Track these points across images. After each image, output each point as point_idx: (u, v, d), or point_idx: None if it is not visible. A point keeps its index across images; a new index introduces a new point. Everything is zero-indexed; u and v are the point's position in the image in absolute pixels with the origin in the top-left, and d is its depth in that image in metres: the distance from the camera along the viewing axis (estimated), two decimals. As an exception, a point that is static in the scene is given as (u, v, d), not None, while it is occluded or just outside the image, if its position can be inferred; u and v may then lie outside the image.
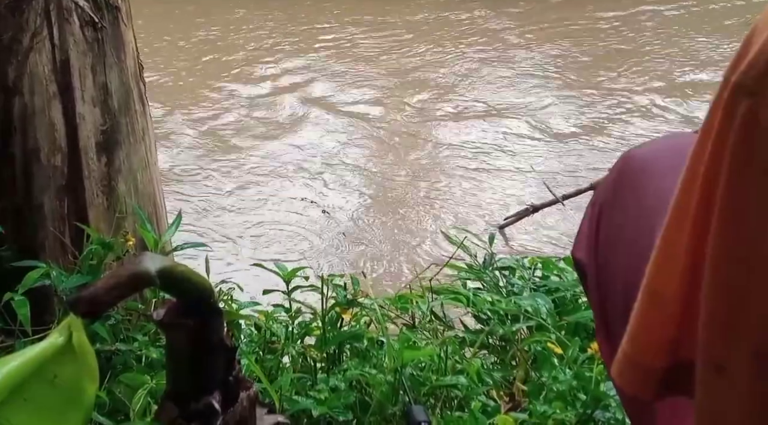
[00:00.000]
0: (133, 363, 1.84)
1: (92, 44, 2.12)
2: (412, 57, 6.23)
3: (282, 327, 1.98)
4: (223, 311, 1.37)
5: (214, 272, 2.07)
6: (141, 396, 1.55)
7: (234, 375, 1.37)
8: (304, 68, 6.02)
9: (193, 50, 6.35)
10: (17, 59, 2.06)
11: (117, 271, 1.23)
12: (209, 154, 4.73)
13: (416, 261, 3.52)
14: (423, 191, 4.30)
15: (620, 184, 0.96)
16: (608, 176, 1.01)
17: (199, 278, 1.30)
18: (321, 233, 3.88)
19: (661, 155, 0.94)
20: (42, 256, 2.07)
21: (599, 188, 1.02)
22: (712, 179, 0.53)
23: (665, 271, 0.58)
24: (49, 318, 1.99)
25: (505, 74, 5.82)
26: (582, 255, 0.98)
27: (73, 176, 2.11)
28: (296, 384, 1.81)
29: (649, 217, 0.82)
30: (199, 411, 1.34)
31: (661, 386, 0.60)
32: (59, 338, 1.12)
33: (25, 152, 2.09)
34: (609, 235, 0.94)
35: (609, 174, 1.01)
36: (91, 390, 1.14)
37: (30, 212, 2.10)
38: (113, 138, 2.16)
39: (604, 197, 0.98)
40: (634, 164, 0.96)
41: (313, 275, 2.17)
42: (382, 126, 5.11)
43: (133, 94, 2.22)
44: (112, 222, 2.14)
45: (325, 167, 4.55)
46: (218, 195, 4.25)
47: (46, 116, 2.08)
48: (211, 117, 5.20)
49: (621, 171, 0.97)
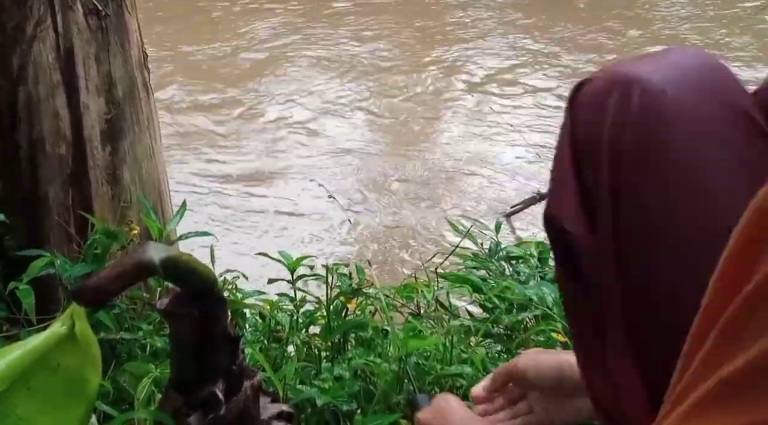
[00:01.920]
0: (137, 352, 1.84)
1: (96, 33, 2.12)
2: (426, 43, 6.21)
3: (287, 316, 1.98)
4: (227, 300, 1.37)
5: (219, 261, 2.07)
6: (145, 385, 1.55)
7: (238, 364, 1.38)
8: (304, 41, 6.01)
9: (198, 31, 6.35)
10: (21, 48, 2.06)
11: (121, 260, 1.23)
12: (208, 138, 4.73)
13: (422, 250, 3.52)
14: (429, 179, 4.30)
15: (646, 137, 0.75)
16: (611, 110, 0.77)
17: (203, 268, 1.30)
18: (327, 220, 3.88)
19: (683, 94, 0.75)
20: (47, 245, 2.08)
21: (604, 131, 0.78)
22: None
23: None
24: (54, 307, 1.99)
25: (515, 59, 5.80)
26: (572, 226, 0.80)
27: (78, 166, 2.11)
28: (300, 373, 1.81)
29: (693, 207, 0.66)
30: (203, 399, 1.34)
31: None
32: (62, 327, 1.12)
33: (30, 141, 2.09)
34: (643, 218, 0.75)
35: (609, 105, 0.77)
36: (94, 378, 1.14)
37: (35, 202, 2.10)
38: (118, 127, 2.16)
39: (617, 153, 0.77)
40: (654, 104, 0.75)
41: (318, 264, 2.16)
42: (388, 113, 5.10)
43: (137, 83, 2.22)
44: (117, 211, 2.14)
45: (331, 153, 4.55)
46: (222, 181, 4.25)
47: (50, 106, 2.08)
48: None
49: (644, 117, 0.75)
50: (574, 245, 0.80)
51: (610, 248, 0.78)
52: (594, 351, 0.82)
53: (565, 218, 0.81)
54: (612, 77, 0.79)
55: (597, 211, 0.79)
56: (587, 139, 0.79)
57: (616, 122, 0.77)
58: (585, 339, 0.84)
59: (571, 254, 0.81)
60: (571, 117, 0.82)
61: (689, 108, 0.75)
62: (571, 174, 0.80)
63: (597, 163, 0.78)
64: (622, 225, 0.77)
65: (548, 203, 0.84)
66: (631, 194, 0.76)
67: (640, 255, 0.76)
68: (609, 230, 0.78)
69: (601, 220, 0.79)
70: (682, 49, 0.85)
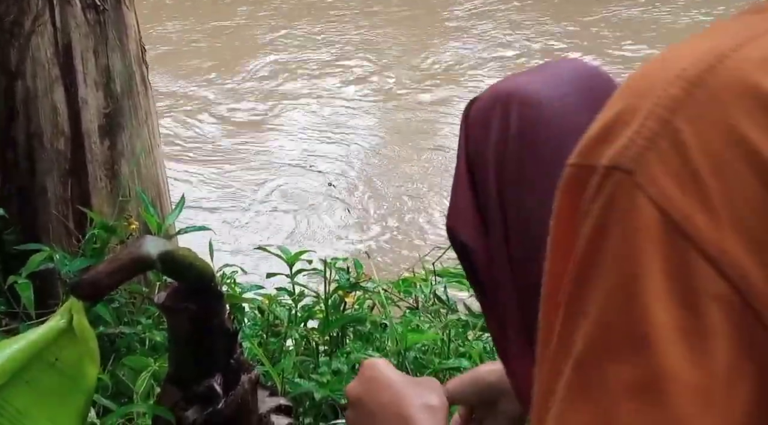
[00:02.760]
0: (136, 346, 1.85)
1: (94, 27, 2.12)
2: (431, 33, 6.20)
3: (285, 311, 1.99)
4: (224, 294, 1.37)
5: (218, 254, 2.08)
6: (144, 379, 1.56)
7: (236, 358, 1.38)
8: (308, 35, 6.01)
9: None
10: (19, 43, 2.06)
11: (118, 255, 1.23)
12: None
13: (419, 245, 3.52)
14: (429, 173, 4.30)
15: (524, 147, 0.82)
16: (494, 125, 0.84)
17: (201, 262, 1.31)
18: (326, 212, 3.89)
19: (558, 101, 0.82)
20: (46, 240, 2.08)
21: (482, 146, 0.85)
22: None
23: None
24: (53, 302, 1.99)
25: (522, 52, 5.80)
26: (467, 237, 0.87)
27: (77, 160, 2.11)
28: (299, 367, 1.82)
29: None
30: (201, 393, 1.34)
31: None
32: (60, 321, 1.13)
33: (28, 136, 2.09)
34: (527, 222, 0.82)
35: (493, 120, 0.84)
36: (92, 372, 1.15)
37: (33, 196, 2.11)
38: (116, 121, 2.16)
39: (501, 164, 0.84)
40: (531, 113, 0.82)
41: (316, 258, 2.17)
42: (388, 105, 5.10)
43: (135, 77, 2.22)
44: (116, 206, 2.14)
45: (332, 146, 4.55)
46: (220, 173, 4.25)
47: (48, 100, 2.08)
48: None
49: (521, 129, 0.82)
50: (469, 253, 0.88)
51: (502, 254, 0.85)
52: (504, 353, 0.90)
53: (461, 229, 0.88)
54: (495, 94, 0.87)
55: (488, 218, 0.86)
56: (476, 153, 0.87)
57: (499, 135, 0.85)
58: (497, 344, 0.91)
59: (470, 263, 0.89)
60: (465, 133, 0.89)
61: (564, 113, 0.82)
62: (467, 186, 0.87)
63: (485, 175, 0.86)
64: (510, 231, 0.84)
65: (448, 214, 0.90)
66: (516, 200, 0.83)
67: (528, 257, 0.82)
68: (499, 236, 0.85)
69: (492, 226, 0.86)
70: (560, 61, 0.94)
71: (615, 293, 0.48)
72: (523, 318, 0.84)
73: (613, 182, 0.48)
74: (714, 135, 0.47)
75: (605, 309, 0.48)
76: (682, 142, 0.47)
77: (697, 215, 0.47)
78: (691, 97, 0.48)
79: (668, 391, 0.45)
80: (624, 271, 0.47)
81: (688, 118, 0.48)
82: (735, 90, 0.48)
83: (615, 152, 0.49)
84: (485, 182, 0.86)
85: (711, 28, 0.54)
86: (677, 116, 0.48)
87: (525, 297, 0.82)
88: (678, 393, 0.45)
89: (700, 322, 0.46)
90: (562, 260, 0.51)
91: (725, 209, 0.47)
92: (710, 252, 0.46)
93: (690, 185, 0.47)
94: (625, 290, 0.47)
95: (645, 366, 0.46)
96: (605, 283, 0.48)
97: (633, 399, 0.46)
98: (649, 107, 0.49)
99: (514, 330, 0.86)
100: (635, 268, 0.47)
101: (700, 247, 0.46)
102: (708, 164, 0.47)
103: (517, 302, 0.85)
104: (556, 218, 0.52)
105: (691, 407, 0.45)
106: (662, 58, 0.53)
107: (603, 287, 0.48)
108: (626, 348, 0.47)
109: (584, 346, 0.48)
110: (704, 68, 0.49)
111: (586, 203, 0.49)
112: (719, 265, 0.46)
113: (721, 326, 0.46)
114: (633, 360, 0.46)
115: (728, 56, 0.49)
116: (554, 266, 0.52)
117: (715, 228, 0.46)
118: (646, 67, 0.53)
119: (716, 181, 0.47)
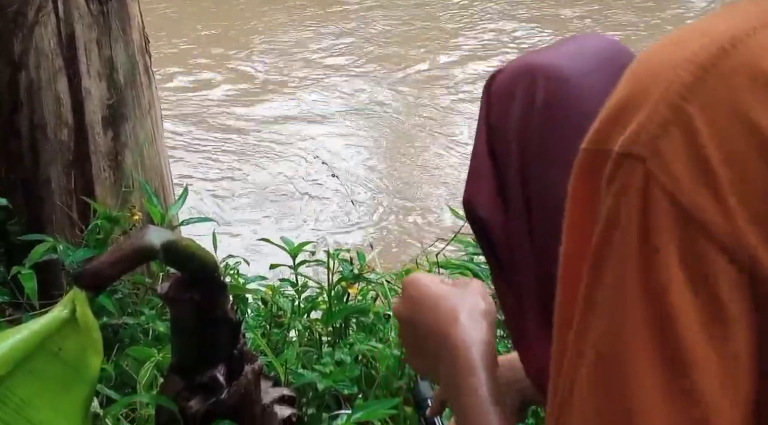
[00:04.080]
0: (140, 336, 1.85)
1: (97, 18, 2.12)
2: (430, 20, 6.19)
3: (288, 302, 1.99)
4: (227, 285, 1.37)
5: (221, 245, 2.08)
6: (148, 369, 1.56)
7: (239, 348, 1.38)
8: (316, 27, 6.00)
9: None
10: (22, 33, 2.06)
11: (121, 245, 1.23)
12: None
13: (423, 236, 3.52)
14: (432, 165, 4.29)
15: (549, 122, 0.81)
16: (518, 98, 0.83)
17: (204, 253, 1.31)
18: (329, 203, 3.89)
19: (584, 78, 0.81)
20: (49, 230, 2.08)
21: (508, 118, 0.84)
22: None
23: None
24: (57, 292, 2.00)
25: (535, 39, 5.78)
26: (486, 211, 0.85)
27: (80, 151, 2.11)
28: (302, 358, 1.82)
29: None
30: (204, 384, 1.35)
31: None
32: (63, 311, 1.13)
33: (32, 126, 2.09)
34: (549, 195, 0.80)
35: (517, 93, 0.83)
36: (96, 362, 1.15)
37: (37, 187, 2.11)
38: (119, 112, 2.16)
39: (524, 139, 0.82)
40: (557, 88, 0.81)
41: (320, 249, 2.17)
42: (393, 96, 5.10)
43: (138, 68, 2.21)
44: (119, 196, 2.15)
45: (335, 137, 4.55)
46: (223, 163, 4.25)
47: (52, 91, 2.08)
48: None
49: (547, 103, 0.81)
50: (488, 229, 0.85)
51: (522, 227, 0.83)
52: (519, 330, 0.87)
53: (480, 203, 0.86)
54: (520, 67, 0.86)
55: (508, 193, 0.85)
56: (499, 126, 0.85)
57: (523, 109, 0.83)
58: (512, 321, 0.88)
59: (487, 238, 0.86)
60: (486, 105, 0.88)
61: (589, 90, 0.80)
62: (487, 160, 0.86)
63: (508, 148, 0.84)
64: (531, 204, 0.82)
65: (465, 188, 0.88)
66: (538, 173, 0.82)
67: (548, 233, 0.80)
68: (520, 209, 0.83)
69: (512, 201, 0.84)
70: (587, 37, 0.92)
71: (631, 284, 0.48)
72: (540, 296, 0.83)
73: (625, 169, 0.48)
74: (726, 122, 0.47)
75: (622, 299, 0.48)
76: (694, 129, 0.47)
77: (707, 204, 0.47)
78: (702, 82, 0.48)
79: (694, 379, 0.46)
80: (639, 261, 0.48)
81: (700, 104, 0.48)
82: (748, 76, 0.48)
83: (627, 139, 0.49)
84: (506, 155, 0.84)
85: (726, 8, 0.53)
86: (689, 102, 0.48)
87: (544, 275, 0.80)
88: (703, 382, 0.46)
89: (717, 309, 0.47)
90: (576, 242, 0.52)
91: (736, 198, 0.47)
92: (721, 240, 0.47)
93: (701, 173, 0.47)
94: (642, 281, 0.48)
95: (669, 356, 0.47)
96: (620, 273, 0.48)
97: (660, 390, 0.47)
98: (660, 92, 0.49)
99: (531, 307, 0.84)
100: (650, 257, 0.47)
101: (710, 235, 0.47)
102: (719, 153, 0.47)
103: (536, 279, 0.83)
104: (572, 201, 0.53)
105: (714, 392, 0.47)
106: (674, 39, 0.52)
107: (618, 276, 0.48)
108: (647, 337, 0.47)
109: (602, 336, 0.49)
110: (716, 53, 0.48)
111: (602, 190, 0.50)
112: (730, 252, 0.47)
113: (737, 311, 0.47)
114: (657, 349, 0.47)
115: (742, 41, 0.48)
116: (569, 247, 0.53)
117: (725, 217, 0.47)
118: (656, 49, 0.52)
119: (727, 169, 0.47)
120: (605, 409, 0.49)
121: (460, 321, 0.85)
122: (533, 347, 0.86)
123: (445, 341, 0.84)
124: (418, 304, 0.88)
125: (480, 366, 0.81)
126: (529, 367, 0.88)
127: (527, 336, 0.87)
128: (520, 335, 0.89)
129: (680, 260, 0.47)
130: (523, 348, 0.89)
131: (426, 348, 0.86)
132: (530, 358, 0.88)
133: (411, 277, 0.92)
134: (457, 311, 0.86)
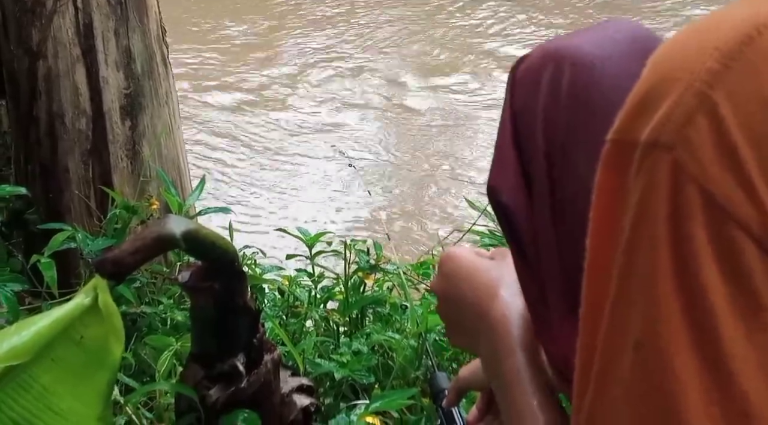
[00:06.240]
0: (158, 325, 1.86)
1: (115, 7, 2.12)
2: (445, 23, 6.17)
3: (305, 292, 1.99)
4: (246, 274, 1.37)
5: (237, 234, 2.08)
6: (166, 358, 1.56)
7: (258, 337, 1.38)
8: (327, 24, 5.99)
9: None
10: (41, 23, 2.06)
11: (142, 233, 1.23)
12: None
13: (439, 227, 3.51)
14: (448, 156, 4.28)
15: (576, 109, 0.80)
16: (544, 84, 0.82)
17: (224, 242, 1.31)
18: (346, 193, 3.89)
19: (612, 66, 0.79)
20: (68, 219, 2.09)
21: (538, 100, 0.82)
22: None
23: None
24: (75, 282, 2.01)
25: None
26: (510, 197, 0.83)
27: (98, 140, 2.12)
28: (319, 348, 1.82)
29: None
30: (224, 372, 1.35)
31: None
32: (85, 299, 1.13)
33: (50, 115, 2.09)
34: (575, 180, 0.79)
35: (543, 79, 0.82)
36: (117, 350, 1.15)
37: (56, 176, 2.11)
38: (137, 102, 2.17)
39: (550, 126, 0.81)
40: (584, 75, 0.80)
41: (336, 240, 2.17)
42: (409, 90, 5.09)
43: (156, 58, 2.22)
44: (137, 186, 2.15)
45: (352, 130, 4.55)
46: (241, 156, 4.26)
47: (70, 80, 2.09)
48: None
49: (573, 90, 0.80)
50: (511, 214, 0.84)
51: (545, 214, 0.82)
52: (542, 318, 0.85)
53: (504, 188, 0.85)
54: (546, 53, 0.84)
55: (533, 178, 0.83)
56: (525, 111, 0.84)
57: (549, 96, 0.82)
58: (534, 308, 0.86)
59: (510, 224, 0.85)
60: (511, 91, 0.86)
61: (616, 77, 0.78)
62: (511, 145, 0.84)
63: (533, 135, 0.83)
64: (555, 190, 0.81)
65: (490, 174, 0.87)
66: (563, 160, 0.81)
67: (574, 220, 0.78)
68: (544, 196, 0.82)
69: (537, 186, 0.83)
70: (616, 22, 0.88)
71: (663, 273, 0.48)
72: (565, 284, 0.81)
73: (653, 159, 0.48)
74: (752, 109, 0.47)
75: (655, 288, 0.48)
76: (721, 118, 0.47)
77: (735, 191, 0.46)
78: (728, 70, 0.47)
79: (732, 371, 0.46)
80: (670, 250, 0.47)
81: (726, 92, 0.47)
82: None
83: (654, 128, 0.48)
84: (531, 142, 0.83)
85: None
86: (715, 90, 0.47)
87: (567, 263, 0.80)
88: (740, 373, 0.46)
89: (751, 297, 0.46)
90: (604, 234, 0.51)
91: (764, 184, 0.46)
92: (751, 227, 0.46)
93: (729, 160, 0.47)
94: (674, 270, 0.47)
95: (707, 351, 0.47)
96: (652, 262, 0.48)
97: (696, 382, 0.47)
98: (686, 80, 0.48)
99: (555, 295, 0.83)
100: (681, 246, 0.47)
101: (740, 223, 0.46)
102: (746, 140, 0.47)
103: (559, 267, 0.82)
104: (599, 192, 0.52)
105: (752, 382, 0.47)
106: (698, 26, 0.51)
107: (651, 266, 0.48)
108: (684, 328, 0.47)
109: (637, 327, 0.49)
110: (742, 40, 0.48)
111: (630, 181, 0.49)
112: (760, 239, 0.46)
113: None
114: (695, 340, 0.47)
115: (767, 27, 0.48)
116: (596, 240, 0.53)
117: (754, 204, 0.46)
118: (681, 37, 0.52)
119: (755, 156, 0.47)
120: (644, 401, 0.48)
121: (500, 295, 0.84)
122: (556, 335, 0.84)
123: (486, 316, 0.83)
124: (455, 279, 0.87)
125: (521, 345, 0.80)
126: (552, 356, 0.87)
127: (550, 323, 0.85)
128: (543, 323, 0.87)
129: (712, 247, 0.47)
130: (546, 337, 0.88)
131: (465, 324, 0.85)
132: (553, 347, 0.86)
133: (447, 252, 0.90)
134: (496, 285, 0.85)
